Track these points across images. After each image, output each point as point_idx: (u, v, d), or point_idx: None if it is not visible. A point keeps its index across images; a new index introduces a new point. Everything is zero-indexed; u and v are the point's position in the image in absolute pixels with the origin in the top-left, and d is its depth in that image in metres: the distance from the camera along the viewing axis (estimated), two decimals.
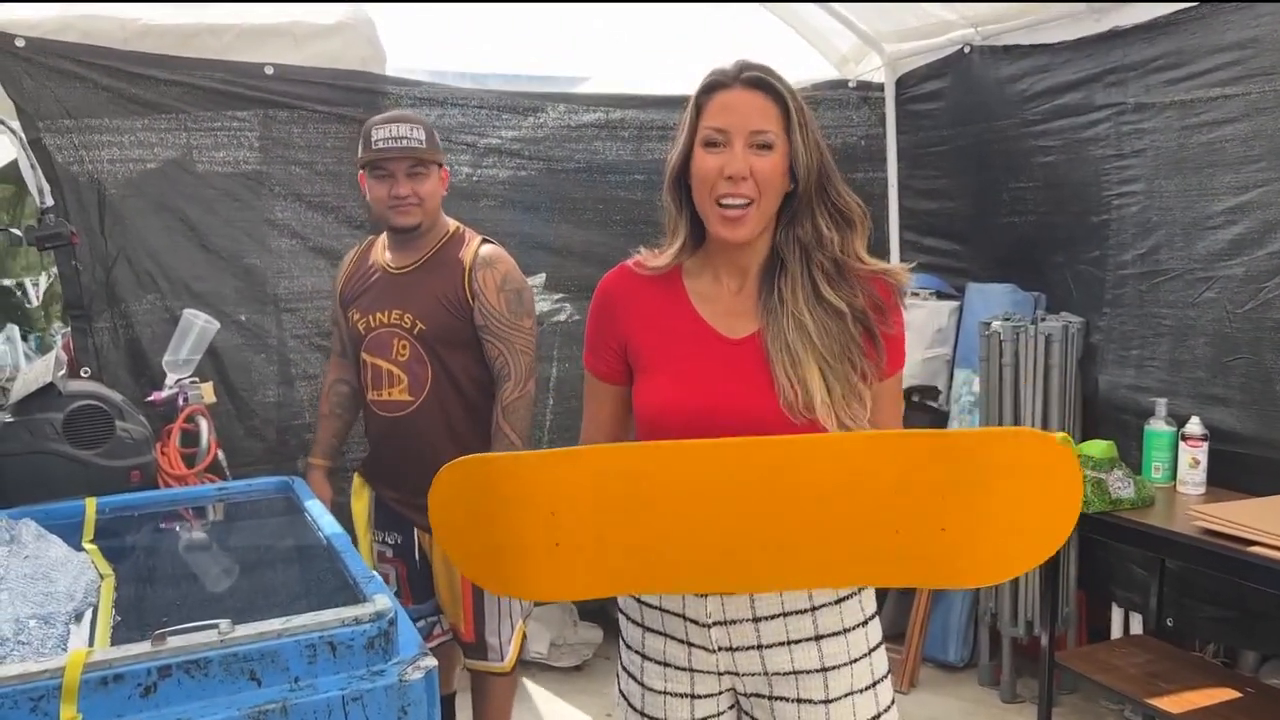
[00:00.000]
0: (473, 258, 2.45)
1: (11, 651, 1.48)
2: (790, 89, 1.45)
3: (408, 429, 2.47)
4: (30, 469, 2.34)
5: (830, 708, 1.46)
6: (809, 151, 1.45)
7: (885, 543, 1.30)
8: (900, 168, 4.01)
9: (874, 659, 1.50)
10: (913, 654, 3.46)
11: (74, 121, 2.96)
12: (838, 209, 1.50)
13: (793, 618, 1.46)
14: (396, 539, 2.60)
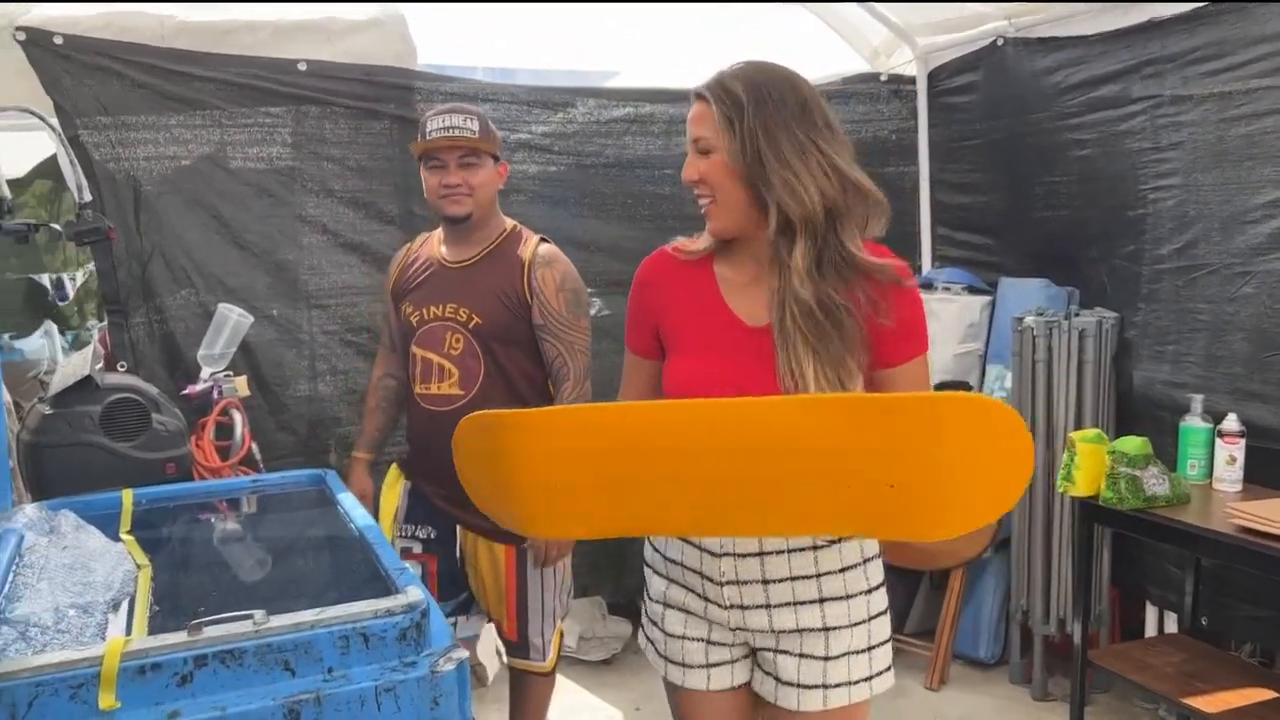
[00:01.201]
0: (532, 255, 2.46)
1: (52, 640, 1.50)
2: (727, 91, 1.55)
3: (446, 425, 2.38)
4: (69, 460, 2.37)
5: (828, 664, 1.59)
6: (742, 146, 1.53)
7: (835, 496, 1.37)
8: (932, 162, 3.98)
9: (873, 625, 1.61)
10: (943, 651, 3.44)
11: (111, 118, 3.00)
12: (787, 194, 1.53)
13: (799, 582, 1.59)
14: (430, 533, 2.59)
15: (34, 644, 1.48)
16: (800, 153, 1.53)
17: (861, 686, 1.61)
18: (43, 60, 2.90)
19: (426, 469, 2.54)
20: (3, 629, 1.51)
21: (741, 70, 1.59)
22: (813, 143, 1.54)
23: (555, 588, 2.57)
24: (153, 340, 3.10)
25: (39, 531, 1.97)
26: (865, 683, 1.62)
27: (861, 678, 1.61)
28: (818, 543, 1.59)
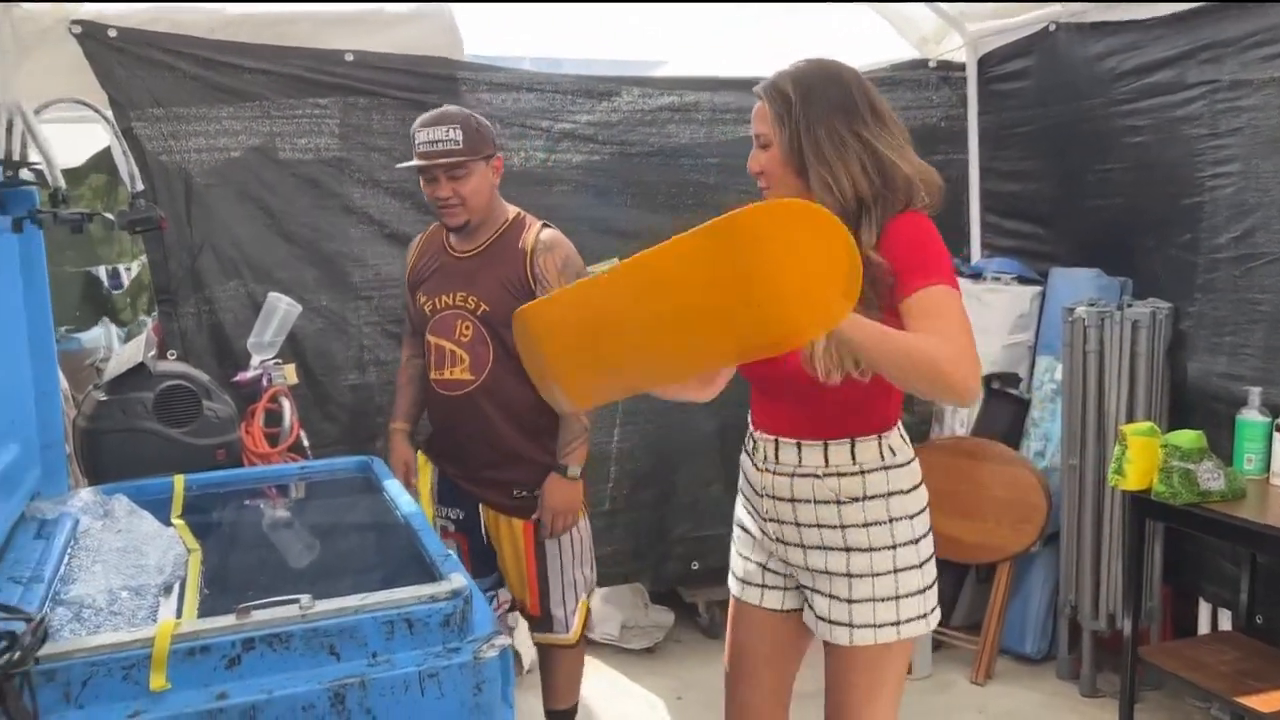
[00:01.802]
0: (534, 243, 2.55)
1: (105, 621, 1.54)
2: (779, 90, 1.71)
3: (469, 407, 2.58)
4: (122, 446, 2.42)
5: (852, 607, 1.76)
6: (791, 141, 1.69)
7: (723, 326, 1.47)
8: (981, 149, 3.92)
9: (900, 577, 1.75)
10: (989, 645, 3.40)
11: (163, 110, 3.04)
12: (822, 188, 1.68)
13: (826, 530, 1.77)
14: (459, 514, 2.72)
15: (88, 625, 1.52)
16: (839, 146, 1.66)
17: (888, 630, 1.75)
18: (97, 53, 2.95)
19: (445, 451, 2.70)
20: (58, 610, 1.55)
21: (795, 69, 1.73)
22: (855, 135, 1.66)
23: (574, 560, 2.68)
24: (202, 329, 3.15)
25: (94, 515, 2.01)
26: (892, 627, 1.75)
27: (888, 622, 1.75)
28: (840, 498, 1.75)
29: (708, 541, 3.64)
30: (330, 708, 1.40)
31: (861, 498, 1.75)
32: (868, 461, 1.75)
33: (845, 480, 1.75)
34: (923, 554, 1.78)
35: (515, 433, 2.58)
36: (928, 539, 1.80)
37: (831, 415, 1.75)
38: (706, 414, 3.60)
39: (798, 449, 1.79)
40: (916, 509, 1.78)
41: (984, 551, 3.48)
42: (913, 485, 1.79)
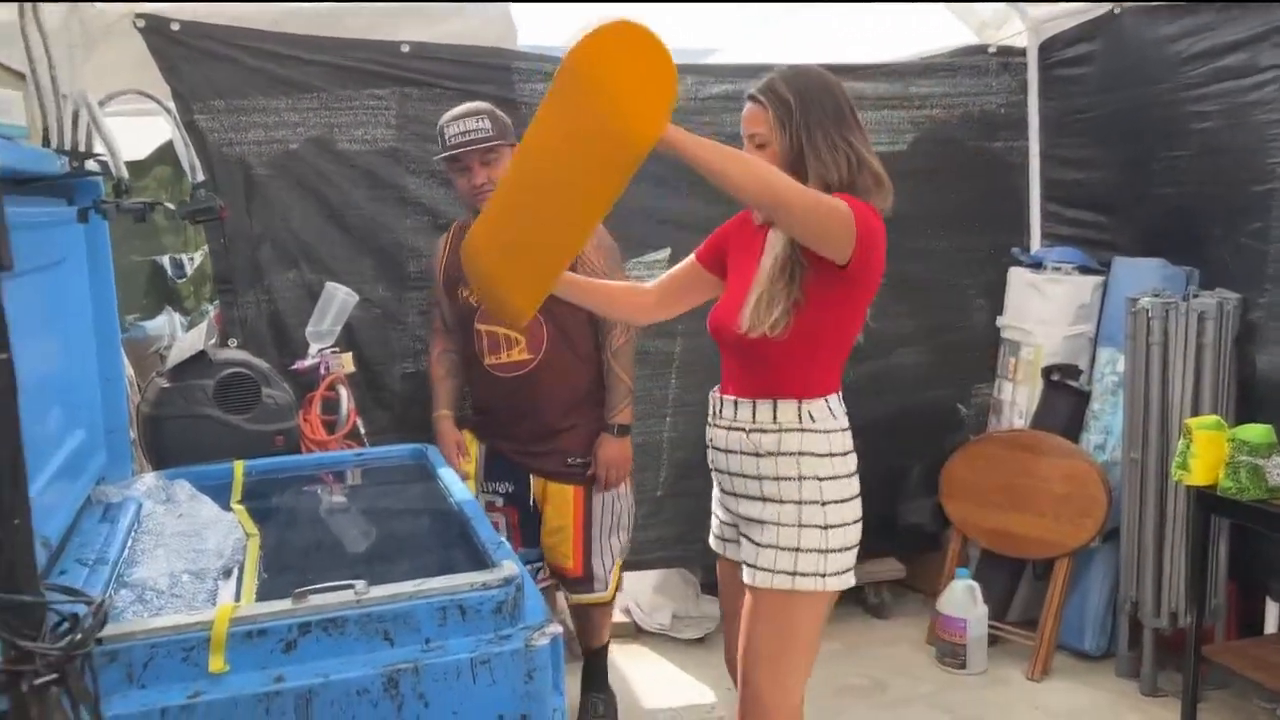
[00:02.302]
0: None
1: (167, 604, 1.57)
2: (779, 97, 1.90)
3: (529, 385, 2.77)
4: (184, 432, 2.47)
5: (759, 550, 1.95)
6: (791, 143, 1.89)
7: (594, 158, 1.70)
8: (1043, 136, 3.84)
9: (804, 533, 1.91)
10: (1046, 641, 3.35)
11: (224, 102, 3.09)
12: (818, 183, 1.89)
13: (750, 480, 1.97)
14: (508, 488, 2.91)
15: (150, 607, 1.55)
16: (833, 150, 1.88)
17: (783, 577, 1.91)
18: (161, 47, 3.00)
19: (501, 429, 2.88)
20: (122, 592, 1.59)
21: (789, 76, 1.93)
22: (845, 140, 1.89)
23: (615, 524, 2.94)
24: (262, 318, 3.20)
25: (156, 500, 2.05)
26: (787, 576, 1.91)
27: (785, 570, 1.91)
28: (759, 452, 1.95)
29: None
30: (384, 693, 1.42)
31: (775, 453, 1.93)
32: (786, 422, 1.93)
33: (765, 436, 1.95)
34: (829, 519, 1.92)
35: (571, 404, 2.82)
36: (839, 509, 1.93)
37: (761, 376, 1.96)
38: None
39: (735, 405, 2.00)
40: (828, 474, 1.93)
41: (1042, 546, 3.42)
42: (828, 452, 1.94)
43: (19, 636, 0.84)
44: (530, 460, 2.88)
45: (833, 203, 1.79)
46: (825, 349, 1.94)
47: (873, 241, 1.86)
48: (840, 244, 1.81)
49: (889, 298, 3.78)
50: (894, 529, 3.83)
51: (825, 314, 1.89)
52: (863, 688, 3.30)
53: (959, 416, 3.87)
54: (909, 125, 3.76)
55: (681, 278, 2.20)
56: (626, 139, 1.66)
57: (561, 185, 1.77)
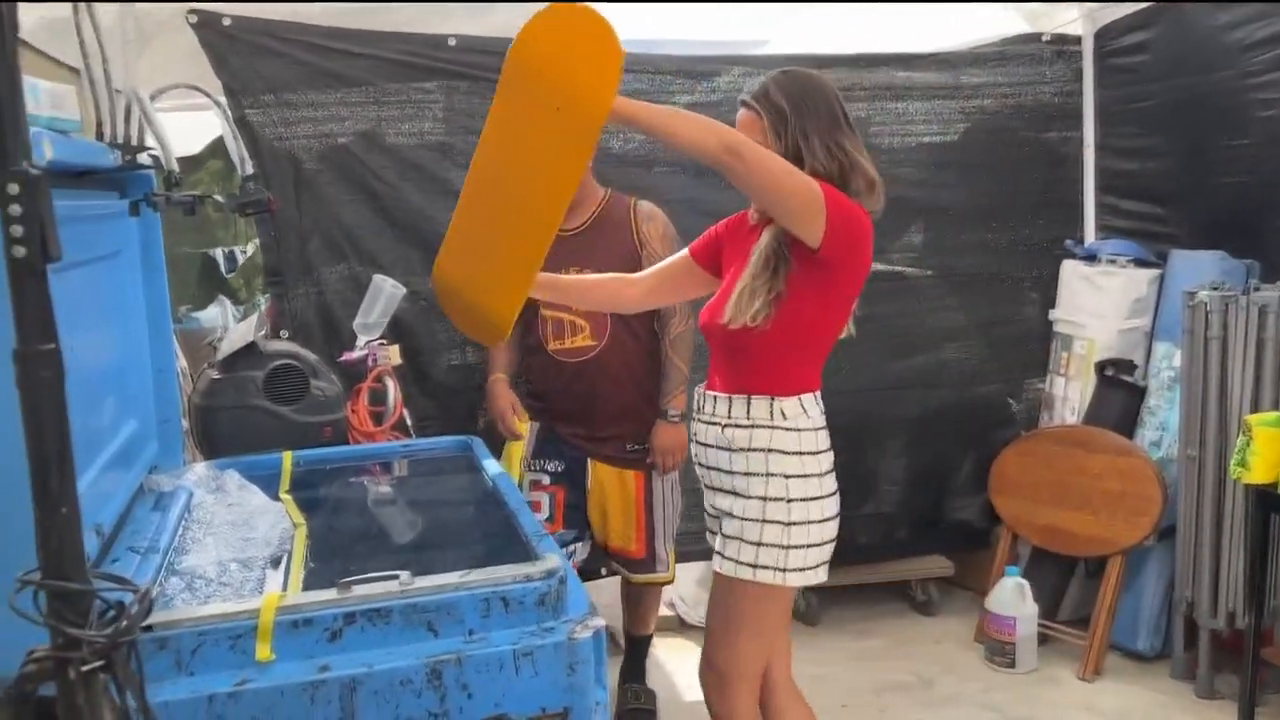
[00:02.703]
0: (636, 213, 2.85)
1: (215, 592, 1.59)
2: (773, 104, 1.92)
3: (593, 370, 2.81)
4: (235, 422, 2.50)
5: (725, 540, 2.00)
6: (786, 149, 1.90)
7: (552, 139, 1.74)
8: (1098, 126, 3.76)
9: (766, 527, 1.94)
10: (1098, 640, 3.28)
11: (274, 97, 3.13)
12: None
13: (722, 474, 2.01)
14: (558, 467, 2.94)
15: (199, 595, 1.57)
16: (827, 154, 1.91)
17: (745, 569, 1.95)
18: (212, 42, 3.04)
19: (563, 413, 2.91)
20: (172, 579, 1.61)
21: (782, 81, 1.95)
22: (838, 144, 1.92)
23: (674, 509, 3.01)
24: (312, 310, 3.24)
25: (207, 489, 2.08)
26: (749, 567, 1.94)
27: (747, 562, 1.95)
28: (731, 446, 1.97)
29: None
30: (427, 683, 1.42)
31: (746, 448, 1.96)
32: (759, 418, 1.95)
33: (738, 431, 1.97)
34: (793, 516, 1.94)
35: (632, 389, 2.86)
36: (804, 507, 1.94)
37: (740, 372, 1.99)
38: None
39: (714, 400, 2.03)
40: (795, 472, 1.94)
41: (1094, 544, 3.36)
42: (797, 450, 1.94)
43: (66, 624, 0.85)
44: (590, 445, 2.91)
45: (795, 171, 1.82)
46: (804, 345, 1.96)
47: (849, 232, 1.87)
48: (805, 217, 1.83)
49: (939, 291, 3.78)
50: (942, 525, 3.79)
51: (805, 309, 1.91)
52: (909, 685, 3.27)
53: (1010, 412, 3.81)
54: (960, 115, 3.70)
55: (674, 270, 2.23)
56: (579, 115, 1.71)
57: (522, 180, 1.81)
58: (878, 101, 3.62)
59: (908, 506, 3.74)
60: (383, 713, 1.40)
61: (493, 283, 1.94)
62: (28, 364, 0.83)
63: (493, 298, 1.95)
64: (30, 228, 0.79)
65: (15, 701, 0.87)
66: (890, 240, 3.66)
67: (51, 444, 0.83)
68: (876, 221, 1.96)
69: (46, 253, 0.80)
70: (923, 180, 3.67)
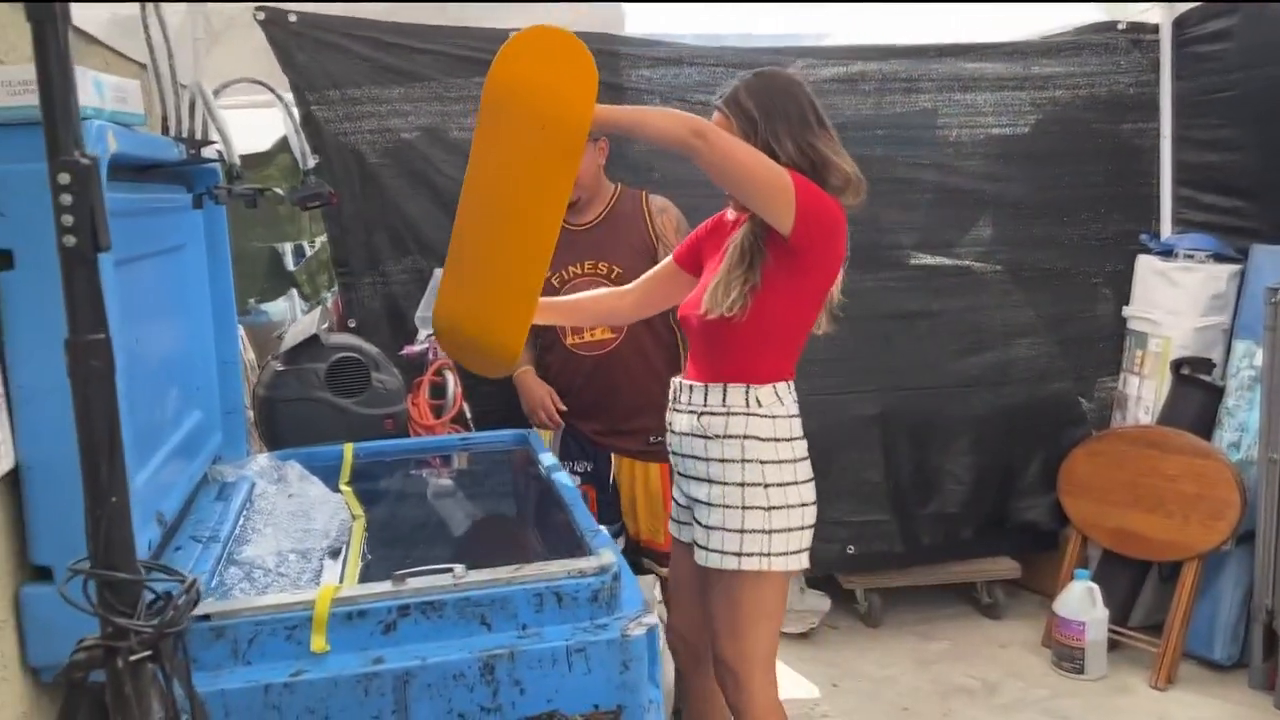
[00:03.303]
0: (649, 206, 2.85)
1: (273, 582, 1.61)
2: (742, 108, 1.96)
3: (611, 365, 2.81)
4: (297, 414, 2.53)
5: (708, 532, 2.00)
6: (756, 147, 1.93)
7: (540, 157, 1.83)
8: (1176, 117, 3.63)
9: (747, 514, 1.97)
10: (1172, 648, 3.18)
11: (339, 93, 3.16)
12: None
13: (699, 462, 2.04)
14: (586, 467, 2.93)
15: (257, 585, 1.59)
16: (798, 155, 1.93)
17: (730, 558, 1.97)
18: (279, 38, 3.08)
19: (582, 409, 2.87)
20: (231, 569, 1.63)
21: (752, 85, 1.98)
22: (809, 143, 1.94)
23: None
24: (377, 302, 3.27)
25: (269, 480, 2.11)
26: (734, 556, 1.96)
27: (731, 551, 1.97)
28: (708, 434, 2.00)
29: (865, 527, 3.55)
30: (480, 678, 1.42)
31: (722, 435, 1.99)
32: (734, 405, 1.99)
33: (714, 418, 2.00)
34: (772, 500, 1.97)
35: (651, 382, 2.78)
36: (783, 491, 1.98)
37: (717, 361, 2.03)
38: (868, 399, 3.52)
39: (690, 389, 2.07)
40: (771, 458, 1.98)
41: (1169, 549, 3.25)
42: (772, 437, 1.99)
43: (114, 613, 0.86)
44: (613, 440, 2.89)
45: (763, 157, 1.88)
46: (778, 335, 2.01)
47: (822, 222, 1.91)
48: (775, 203, 1.88)
49: (1008, 286, 3.69)
50: (1008, 526, 3.70)
51: (779, 299, 1.96)
52: (973, 689, 3.20)
53: (1080, 411, 3.71)
54: (1031, 107, 3.61)
55: (661, 277, 2.28)
56: (564, 129, 1.79)
57: (514, 203, 1.87)
58: (945, 93, 3.54)
59: (973, 506, 3.65)
60: (435, 706, 1.40)
61: (496, 311, 1.99)
62: (78, 353, 0.83)
63: (499, 325, 1.99)
64: (81, 217, 0.80)
65: (66, 689, 0.88)
66: (958, 234, 3.58)
67: (101, 433, 0.84)
68: (941, 214, 2.01)
69: (97, 242, 0.81)
70: (991, 173, 3.58)
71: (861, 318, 3.53)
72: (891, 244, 3.52)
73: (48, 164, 0.79)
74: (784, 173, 1.88)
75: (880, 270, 3.51)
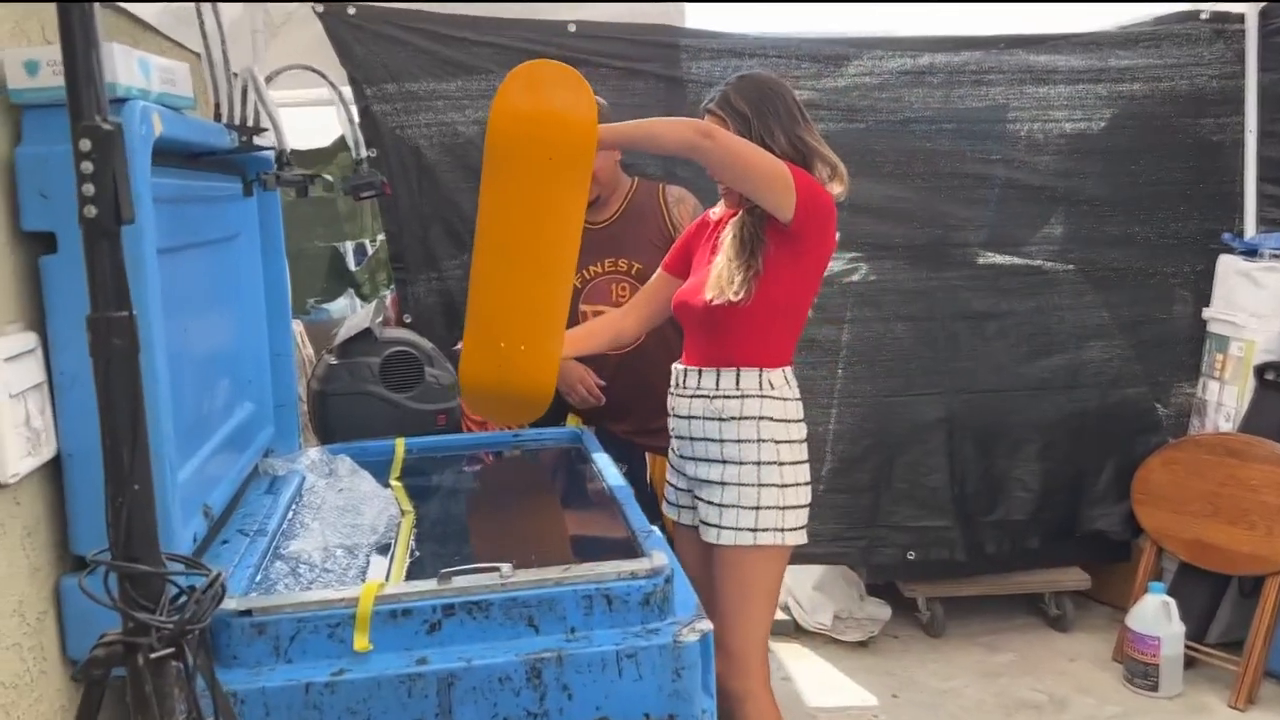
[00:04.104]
0: (665, 197, 2.79)
1: (318, 577, 1.57)
2: (735, 109, 2.04)
3: (636, 363, 2.71)
4: (350, 408, 2.51)
5: (722, 510, 2.06)
6: (752, 139, 2.01)
7: (554, 185, 1.89)
8: (1261, 111, 3.46)
9: (763, 491, 2.04)
10: (1253, 667, 3.03)
11: (397, 86, 3.14)
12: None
13: (710, 443, 2.09)
14: (622, 469, 2.84)
15: (302, 580, 1.55)
16: (791, 147, 2.03)
17: (746, 534, 2.03)
18: (337, 31, 3.06)
19: (609, 411, 2.77)
20: (276, 564, 1.60)
21: (741, 86, 2.07)
22: (798, 137, 2.05)
23: None
24: (433, 298, 3.24)
25: (319, 474, 2.09)
26: (750, 532, 2.03)
27: (746, 528, 2.03)
28: (722, 416, 2.06)
29: (927, 533, 3.44)
30: (526, 681, 1.37)
31: (738, 417, 2.06)
32: (749, 388, 2.06)
33: (729, 401, 2.07)
34: (785, 479, 2.05)
35: None
36: (793, 470, 2.07)
37: (725, 346, 2.08)
38: (932, 402, 3.41)
39: (699, 374, 2.12)
40: (784, 438, 2.06)
41: (1251, 562, 3.10)
42: (784, 418, 2.07)
43: (136, 608, 0.82)
44: (646, 439, 2.79)
45: (762, 150, 1.97)
46: (782, 319, 2.08)
47: (818, 207, 2.00)
48: (776, 193, 1.95)
49: (1080, 287, 3.56)
50: (1077, 535, 3.56)
51: (782, 284, 2.04)
52: (1039, 704, 3.08)
53: (1156, 417, 3.56)
54: (1106, 101, 3.47)
55: (656, 291, 2.34)
56: (572, 156, 1.86)
57: (532, 240, 1.93)
58: (1016, 86, 3.41)
59: (1041, 514, 3.52)
60: (480, 710, 1.35)
61: (529, 358, 2.04)
62: (100, 330, 0.79)
63: (529, 369, 2.04)
64: (103, 187, 0.75)
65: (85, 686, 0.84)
66: (1028, 232, 3.45)
67: (124, 415, 0.79)
68: (1011, 211, 2.00)
69: (119, 214, 0.76)
70: (1064, 169, 3.45)
71: (926, 318, 3.46)
72: (959, 241, 3.41)
73: (71, 130, 0.75)
74: (782, 164, 1.97)
75: (946, 269, 3.40)
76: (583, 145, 1.87)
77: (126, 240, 1.26)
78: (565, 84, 1.88)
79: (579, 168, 1.89)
